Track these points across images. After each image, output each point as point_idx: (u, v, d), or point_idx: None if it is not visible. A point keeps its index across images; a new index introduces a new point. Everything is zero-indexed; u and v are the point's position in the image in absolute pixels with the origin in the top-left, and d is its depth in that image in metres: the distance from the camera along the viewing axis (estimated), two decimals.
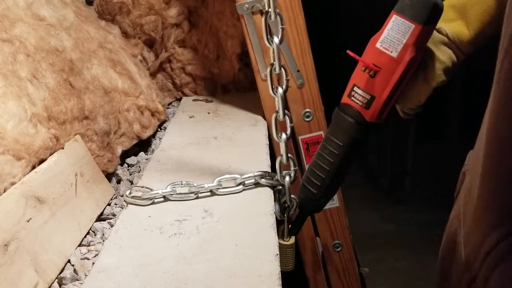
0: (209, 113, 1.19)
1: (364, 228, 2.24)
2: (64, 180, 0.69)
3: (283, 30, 0.68)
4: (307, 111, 1.05)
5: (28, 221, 0.59)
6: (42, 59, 0.74)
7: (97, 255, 0.65)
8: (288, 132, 0.74)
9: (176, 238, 0.66)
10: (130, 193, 0.77)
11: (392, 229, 2.38)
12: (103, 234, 0.71)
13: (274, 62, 0.70)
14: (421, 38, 0.63)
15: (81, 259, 0.65)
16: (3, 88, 0.63)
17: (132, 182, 0.87)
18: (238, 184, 0.78)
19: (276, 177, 0.78)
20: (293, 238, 0.75)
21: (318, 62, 1.05)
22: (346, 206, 1.10)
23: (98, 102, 0.83)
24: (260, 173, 0.79)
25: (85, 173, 0.75)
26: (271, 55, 0.70)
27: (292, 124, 0.75)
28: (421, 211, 2.46)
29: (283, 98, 0.72)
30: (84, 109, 0.79)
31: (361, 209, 2.44)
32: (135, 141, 0.97)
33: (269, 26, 0.68)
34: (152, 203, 0.76)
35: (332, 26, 2.57)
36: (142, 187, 0.78)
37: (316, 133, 1.07)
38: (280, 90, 0.71)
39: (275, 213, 0.73)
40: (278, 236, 0.68)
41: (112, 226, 0.72)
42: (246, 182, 0.78)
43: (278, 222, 0.73)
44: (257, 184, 0.79)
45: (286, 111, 0.73)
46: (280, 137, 0.74)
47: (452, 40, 0.68)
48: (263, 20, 0.68)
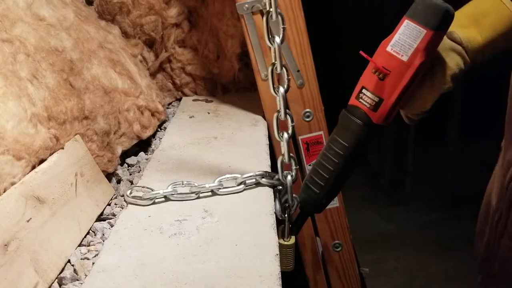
0: (209, 113, 1.19)
1: (364, 228, 2.24)
2: (64, 180, 0.69)
3: (284, 29, 0.68)
4: (307, 111, 1.05)
5: (28, 221, 0.59)
6: (42, 59, 0.74)
7: (97, 255, 0.65)
8: (290, 131, 0.74)
9: (176, 238, 0.66)
10: (130, 193, 0.77)
11: (392, 229, 2.38)
12: (103, 234, 0.71)
13: (275, 62, 0.70)
14: (432, 43, 0.63)
15: (81, 259, 0.65)
16: (3, 88, 0.63)
17: (132, 182, 0.87)
18: (239, 184, 0.78)
19: (276, 176, 0.78)
20: (294, 238, 0.75)
21: (318, 62, 1.05)
22: (346, 206, 1.10)
23: (98, 102, 0.83)
24: (261, 172, 0.79)
25: (85, 173, 0.75)
26: (272, 54, 0.70)
27: (293, 124, 0.75)
28: (421, 211, 2.46)
29: (285, 97, 0.72)
30: (84, 109, 0.79)
31: (361, 209, 2.44)
32: (135, 141, 0.97)
33: (270, 25, 0.69)
34: (153, 203, 0.75)
35: (332, 26, 2.57)
36: (143, 187, 0.78)
37: (316, 133, 1.07)
38: (282, 90, 0.71)
39: (276, 213, 0.73)
40: (278, 236, 0.68)
41: (112, 226, 0.72)
42: (247, 181, 0.78)
43: (278, 222, 0.72)
44: (257, 184, 0.79)
45: (287, 110, 0.73)
46: (282, 136, 0.74)
47: (463, 46, 0.69)
48: (264, 20, 0.68)
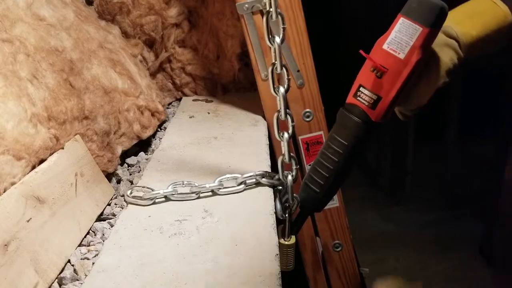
0: (209, 113, 1.19)
1: (364, 228, 2.24)
2: (64, 180, 0.69)
3: (284, 29, 0.68)
4: (307, 111, 1.05)
5: (28, 221, 0.59)
6: (42, 59, 0.74)
7: (97, 255, 0.65)
8: (290, 131, 0.74)
9: (176, 238, 0.66)
10: (131, 193, 0.77)
11: (392, 229, 2.38)
12: (103, 234, 0.71)
13: (276, 62, 0.70)
14: (428, 40, 0.64)
15: (81, 259, 0.65)
16: (3, 88, 0.63)
17: (132, 182, 0.87)
18: (239, 184, 0.78)
19: (276, 176, 0.78)
20: (294, 238, 0.75)
21: (318, 62, 1.05)
22: (346, 206, 1.10)
23: (98, 102, 0.83)
24: (261, 172, 0.79)
25: (85, 173, 0.75)
26: (272, 54, 0.70)
27: (294, 124, 0.75)
28: (421, 211, 2.46)
29: (285, 97, 0.72)
30: (84, 109, 0.79)
31: (361, 209, 2.43)
32: (135, 141, 0.97)
33: (270, 25, 0.69)
34: (153, 203, 0.75)
35: (332, 26, 2.57)
36: (143, 187, 0.78)
37: (316, 133, 1.07)
38: (282, 90, 0.71)
39: (276, 213, 0.73)
40: (278, 236, 0.68)
41: (112, 226, 0.72)
42: (247, 181, 0.78)
43: (278, 221, 0.72)
44: (258, 184, 0.79)
45: (288, 110, 0.73)
46: (282, 136, 0.74)
47: (459, 40, 0.70)
48: (264, 19, 0.68)
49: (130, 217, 0.72)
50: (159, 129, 1.11)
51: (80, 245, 0.68)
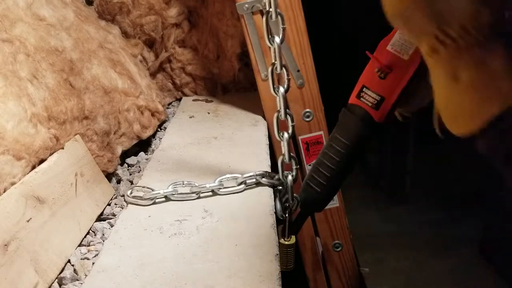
0: (209, 113, 1.19)
1: (364, 228, 2.23)
2: (64, 180, 0.69)
3: (284, 29, 0.68)
4: (307, 111, 1.05)
5: (28, 221, 0.59)
6: (42, 59, 0.74)
7: (97, 255, 0.65)
8: (290, 131, 0.74)
9: (176, 238, 0.66)
10: (131, 193, 0.77)
11: (392, 229, 2.38)
12: (103, 234, 0.71)
13: (275, 62, 0.70)
14: None
15: (81, 259, 0.65)
16: (3, 88, 0.63)
17: (132, 182, 0.87)
18: (240, 184, 0.78)
19: (276, 176, 0.78)
20: (294, 237, 0.75)
21: (318, 62, 1.05)
22: (346, 206, 1.10)
23: (98, 102, 0.83)
24: (261, 172, 0.79)
25: (85, 173, 0.75)
26: (272, 54, 0.70)
27: (293, 124, 0.75)
28: (421, 211, 2.45)
29: (285, 97, 0.72)
30: (84, 109, 0.79)
31: (361, 209, 2.43)
32: (135, 141, 0.97)
33: (270, 25, 0.69)
34: (153, 203, 0.75)
35: (332, 26, 2.57)
36: (143, 187, 0.78)
37: (316, 133, 1.07)
38: (282, 90, 0.71)
39: (276, 213, 0.73)
40: (278, 236, 0.68)
41: (112, 226, 0.72)
42: (247, 181, 0.78)
43: (278, 221, 0.72)
44: (258, 184, 0.79)
45: (287, 110, 0.73)
46: (282, 136, 0.74)
47: None
48: (264, 19, 0.68)
49: (130, 217, 0.72)
50: (159, 129, 1.11)
51: (80, 245, 0.68)
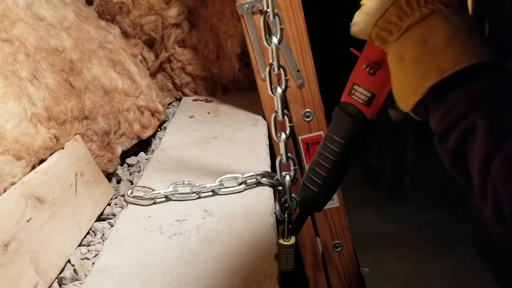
0: (209, 113, 1.19)
1: (364, 228, 2.24)
2: (64, 180, 0.69)
3: (282, 30, 0.68)
4: (307, 111, 1.05)
5: (28, 221, 0.59)
6: (42, 59, 0.74)
7: (97, 255, 0.65)
8: (288, 132, 0.74)
9: (176, 238, 0.66)
10: (131, 193, 0.77)
11: (392, 229, 2.38)
12: (103, 234, 0.71)
13: (273, 62, 0.70)
14: None
15: (81, 259, 0.65)
16: (3, 88, 0.63)
17: (132, 182, 0.87)
18: (240, 184, 0.78)
19: (276, 176, 0.78)
20: (293, 238, 0.75)
21: (318, 62, 1.05)
22: (346, 206, 1.10)
23: (98, 102, 0.83)
24: (261, 172, 0.79)
25: (85, 173, 0.75)
26: (270, 55, 0.70)
27: (291, 124, 0.75)
28: (421, 211, 2.46)
29: (282, 98, 0.72)
30: (84, 109, 0.79)
31: (361, 209, 2.44)
32: (135, 141, 0.97)
33: (269, 26, 0.69)
34: (154, 203, 0.76)
35: (332, 26, 2.57)
36: (144, 187, 0.78)
37: (316, 133, 1.07)
38: (279, 90, 0.71)
39: (276, 213, 0.73)
40: (278, 236, 0.68)
41: (112, 226, 0.72)
42: (247, 181, 0.78)
43: (278, 222, 0.72)
44: (258, 184, 0.79)
45: (285, 111, 0.73)
46: (280, 137, 0.74)
47: None
48: (262, 20, 0.68)
49: (130, 217, 0.73)
50: (159, 129, 1.11)
51: (80, 245, 0.68)
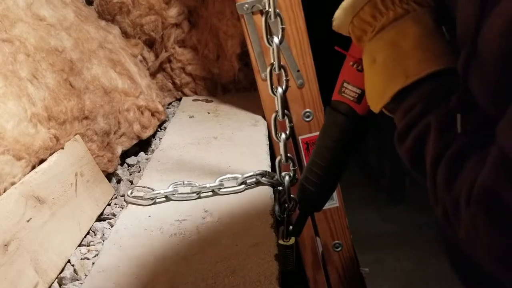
0: (209, 113, 1.19)
1: (364, 228, 2.24)
2: (64, 180, 0.69)
3: (283, 30, 0.68)
4: (307, 111, 1.05)
5: (28, 221, 0.59)
6: (42, 59, 0.74)
7: (97, 255, 0.65)
8: (288, 132, 0.74)
9: (176, 238, 0.66)
10: (131, 193, 0.77)
11: (392, 229, 2.38)
12: (103, 234, 0.71)
13: (274, 62, 0.70)
14: None
15: (81, 259, 0.65)
16: (3, 88, 0.63)
17: (132, 182, 0.87)
18: (240, 184, 0.78)
19: (276, 176, 0.78)
20: (293, 238, 0.75)
21: (318, 62, 1.05)
22: (346, 206, 1.10)
23: (98, 102, 0.83)
24: (261, 172, 0.79)
25: (85, 173, 0.75)
26: (270, 55, 0.70)
27: (292, 124, 0.75)
28: (421, 211, 2.46)
29: (283, 98, 0.72)
30: (84, 109, 0.79)
31: (361, 209, 2.44)
32: (135, 141, 0.97)
33: (269, 26, 0.69)
34: (154, 203, 0.76)
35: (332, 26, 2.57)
36: (144, 187, 0.78)
37: (316, 133, 1.06)
38: (280, 90, 0.71)
39: (275, 213, 0.73)
40: (278, 236, 0.68)
41: (112, 226, 0.72)
42: (247, 181, 0.78)
43: (278, 222, 0.73)
44: (258, 184, 0.79)
45: (285, 111, 0.73)
46: (280, 137, 0.74)
47: None
48: (263, 20, 0.68)
49: (130, 217, 0.73)
50: (159, 129, 1.11)
51: (80, 245, 0.68)
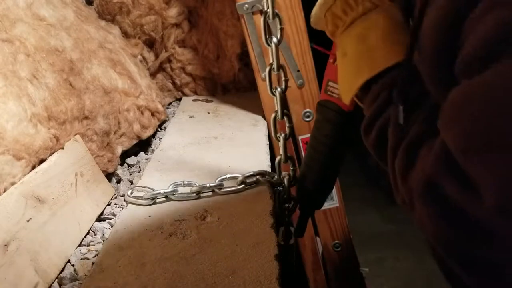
0: (209, 113, 1.19)
1: (364, 228, 2.24)
2: (64, 180, 0.69)
3: (282, 30, 0.68)
4: (307, 111, 1.05)
5: (28, 221, 0.59)
6: (42, 59, 0.74)
7: (97, 255, 0.65)
8: (287, 132, 0.74)
9: (176, 238, 0.66)
10: (131, 193, 0.77)
11: (392, 229, 2.38)
12: (103, 234, 0.71)
13: (273, 62, 0.70)
14: None
15: (81, 259, 0.65)
16: (3, 88, 0.63)
17: (132, 182, 0.87)
18: (240, 183, 0.78)
19: (276, 176, 0.78)
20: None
21: (318, 62, 1.05)
22: (346, 206, 1.10)
23: (98, 102, 0.83)
24: (261, 172, 0.79)
25: (85, 173, 0.75)
26: (270, 55, 0.70)
27: (291, 125, 0.75)
28: None
29: (282, 98, 0.72)
30: (84, 109, 0.79)
31: (361, 209, 2.44)
32: (135, 141, 0.97)
33: (269, 26, 0.69)
34: (154, 203, 0.75)
35: None
36: (144, 186, 0.78)
37: None
38: (279, 90, 0.71)
39: (275, 213, 0.73)
40: (278, 237, 0.68)
41: (112, 226, 0.72)
42: (247, 181, 0.78)
43: (278, 222, 0.72)
44: (258, 183, 0.79)
45: (285, 111, 0.73)
46: (279, 137, 0.75)
47: None
48: (262, 20, 0.68)
49: (130, 217, 0.73)
50: (159, 129, 1.11)
51: (80, 245, 0.68)
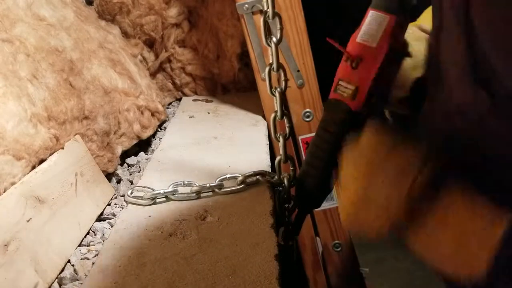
0: (209, 113, 1.19)
1: None
2: (64, 180, 0.69)
3: (282, 30, 0.68)
4: (307, 111, 1.05)
5: (28, 221, 0.59)
6: (42, 59, 0.74)
7: (97, 255, 0.65)
8: (287, 132, 0.75)
9: (176, 238, 0.66)
10: (131, 193, 0.77)
11: None
12: (103, 234, 0.71)
13: (273, 62, 0.70)
14: (396, 27, 0.69)
15: (81, 259, 0.65)
16: (3, 88, 0.63)
17: (132, 182, 0.87)
18: (240, 183, 0.78)
19: (276, 176, 0.78)
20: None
21: (318, 62, 1.05)
22: None
23: (98, 102, 0.83)
24: (261, 172, 0.79)
25: (85, 173, 0.75)
26: (269, 55, 0.70)
27: (291, 125, 0.75)
28: None
29: (282, 98, 0.72)
30: (84, 109, 0.79)
31: None
32: (135, 141, 0.98)
33: (269, 26, 0.69)
34: (154, 203, 0.75)
35: (332, 25, 2.57)
36: (144, 187, 0.78)
37: None
38: (279, 90, 0.72)
39: (275, 213, 0.73)
40: (278, 237, 0.68)
41: (112, 226, 0.72)
42: (247, 181, 0.78)
43: (278, 222, 0.72)
44: (258, 183, 0.79)
45: (285, 111, 0.73)
46: (279, 137, 0.75)
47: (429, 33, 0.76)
48: (261, 20, 0.68)
49: (130, 217, 0.73)
50: (159, 129, 1.11)
51: (80, 245, 0.68)
